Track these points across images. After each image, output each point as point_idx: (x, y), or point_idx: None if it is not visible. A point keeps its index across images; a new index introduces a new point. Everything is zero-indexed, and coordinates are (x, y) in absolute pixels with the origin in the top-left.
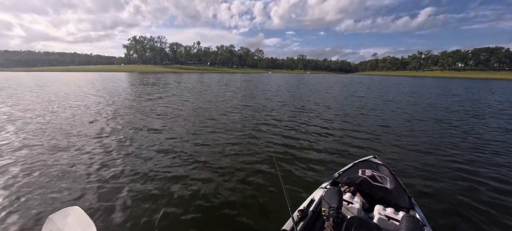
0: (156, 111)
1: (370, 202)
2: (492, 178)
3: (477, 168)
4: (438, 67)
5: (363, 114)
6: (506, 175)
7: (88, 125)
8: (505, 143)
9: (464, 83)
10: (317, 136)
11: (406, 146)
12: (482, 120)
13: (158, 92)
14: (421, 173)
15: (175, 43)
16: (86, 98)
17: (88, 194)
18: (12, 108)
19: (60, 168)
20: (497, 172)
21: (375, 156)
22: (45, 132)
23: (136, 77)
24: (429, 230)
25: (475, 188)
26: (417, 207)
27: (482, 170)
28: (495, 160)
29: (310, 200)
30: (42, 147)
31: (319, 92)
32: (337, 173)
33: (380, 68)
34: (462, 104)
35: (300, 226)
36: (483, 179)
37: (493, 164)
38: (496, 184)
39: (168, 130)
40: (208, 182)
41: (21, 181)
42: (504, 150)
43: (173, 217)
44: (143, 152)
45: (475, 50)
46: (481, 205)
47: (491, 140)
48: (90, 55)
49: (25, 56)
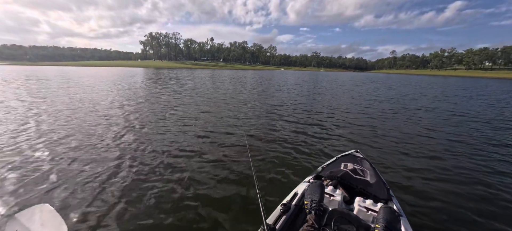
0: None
1: (351, 194)
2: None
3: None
4: (462, 66)
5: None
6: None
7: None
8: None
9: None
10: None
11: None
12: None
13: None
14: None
15: (189, 39)
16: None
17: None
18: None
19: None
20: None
21: (358, 150)
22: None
23: (153, 73)
24: (405, 219)
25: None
26: (394, 198)
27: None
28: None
29: (293, 194)
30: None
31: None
32: (321, 167)
33: (398, 67)
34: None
35: (283, 219)
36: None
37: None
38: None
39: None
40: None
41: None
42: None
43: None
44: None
45: (505, 48)
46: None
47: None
48: (109, 51)
49: (51, 51)
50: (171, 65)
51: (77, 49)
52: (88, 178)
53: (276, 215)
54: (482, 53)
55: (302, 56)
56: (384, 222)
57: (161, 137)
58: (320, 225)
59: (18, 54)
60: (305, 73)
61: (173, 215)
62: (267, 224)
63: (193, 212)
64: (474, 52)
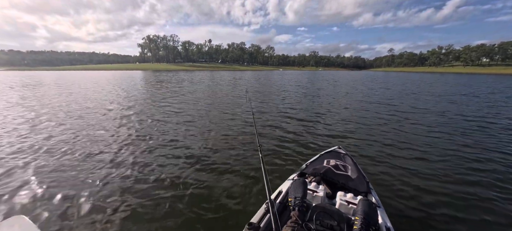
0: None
1: (333, 189)
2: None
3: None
4: (460, 62)
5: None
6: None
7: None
8: None
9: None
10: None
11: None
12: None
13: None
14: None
15: (187, 41)
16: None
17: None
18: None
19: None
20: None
21: (340, 147)
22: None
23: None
24: (382, 210)
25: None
26: (373, 191)
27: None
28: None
29: (278, 192)
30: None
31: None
32: (305, 164)
33: (396, 64)
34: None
35: (267, 217)
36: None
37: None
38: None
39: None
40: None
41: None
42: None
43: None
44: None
45: (502, 44)
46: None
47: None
48: (107, 55)
49: (49, 56)
50: (170, 67)
51: (75, 53)
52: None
53: (260, 213)
54: (479, 50)
55: (300, 56)
56: (363, 213)
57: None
58: (303, 221)
59: (16, 60)
60: (303, 73)
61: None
62: (252, 223)
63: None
64: (471, 48)
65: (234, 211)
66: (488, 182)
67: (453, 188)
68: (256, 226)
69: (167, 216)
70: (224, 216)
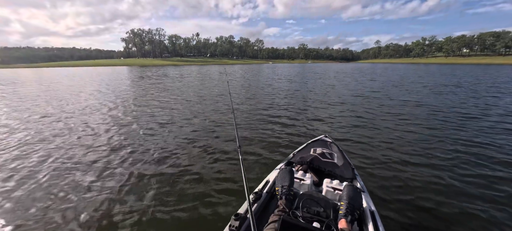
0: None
1: (320, 177)
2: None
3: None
4: (442, 53)
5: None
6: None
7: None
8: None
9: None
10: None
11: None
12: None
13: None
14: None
15: (174, 35)
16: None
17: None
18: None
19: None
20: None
21: (326, 135)
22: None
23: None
24: (367, 195)
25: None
26: (358, 177)
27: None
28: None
29: (265, 182)
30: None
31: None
32: (292, 153)
33: (383, 56)
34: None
35: (255, 207)
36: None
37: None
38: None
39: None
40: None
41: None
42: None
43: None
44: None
45: (481, 35)
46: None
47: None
48: (89, 50)
49: (25, 52)
50: (156, 62)
51: (53, 49)
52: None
53: (247, 204)
54: (460, 41)
55: (290, 49)
56: (348, 198)
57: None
58: (290, 209)
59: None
60: (293, 66)
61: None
62: (239, 214)
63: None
64: (452, 39)
65: (220, 207)
66: (469, 162)
67: (431, 172)
68: (242, 216)
69: (149, 222)
70: (204, 216)
